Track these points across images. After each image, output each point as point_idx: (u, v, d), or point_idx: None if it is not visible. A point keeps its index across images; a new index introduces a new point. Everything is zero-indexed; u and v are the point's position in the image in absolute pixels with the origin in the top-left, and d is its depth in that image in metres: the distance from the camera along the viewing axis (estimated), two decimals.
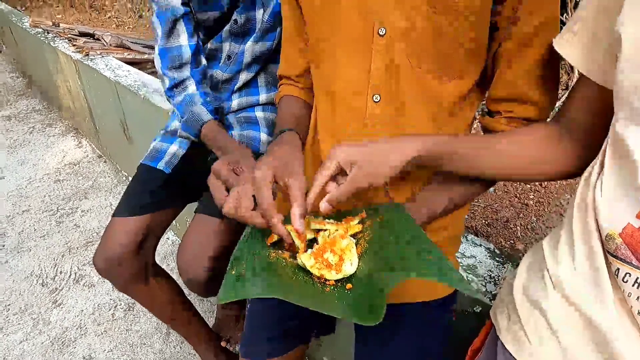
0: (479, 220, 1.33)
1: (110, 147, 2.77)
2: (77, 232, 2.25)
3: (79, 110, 3.04)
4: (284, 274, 0.55)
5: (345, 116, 0.75)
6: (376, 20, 0.68)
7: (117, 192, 2.59)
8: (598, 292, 0.53)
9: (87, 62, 2.41)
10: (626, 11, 0.49)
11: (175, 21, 1.01)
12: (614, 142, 0.53)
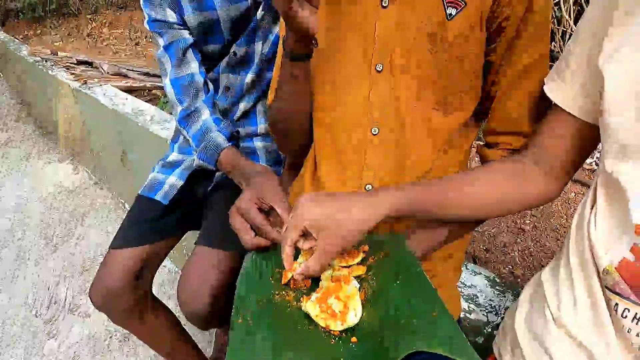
0: (477, 245, 1.34)
1: (107, 173, 2.77)
2: (73, 260, 2.23)
3: (76, 137, 3.05)
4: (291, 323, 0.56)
5: (345, 148, 0.77)
6: (376, 56, 0.70)
7: (114, 218, 2.57)
8: (600, 331, 0.53)
9: (85, 90, 2.44)
10: (607, 51, 0.51)
11: (185, 50, 1.03)
12: (605, 179, 0.54)
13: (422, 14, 0.66)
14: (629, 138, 0.50)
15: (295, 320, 0.57)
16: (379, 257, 0.66)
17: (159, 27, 1.02)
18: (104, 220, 2.57)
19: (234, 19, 1.04)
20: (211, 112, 1.04)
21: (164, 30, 1.02)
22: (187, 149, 1.25)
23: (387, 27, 0.68)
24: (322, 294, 0.58)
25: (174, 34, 1.03)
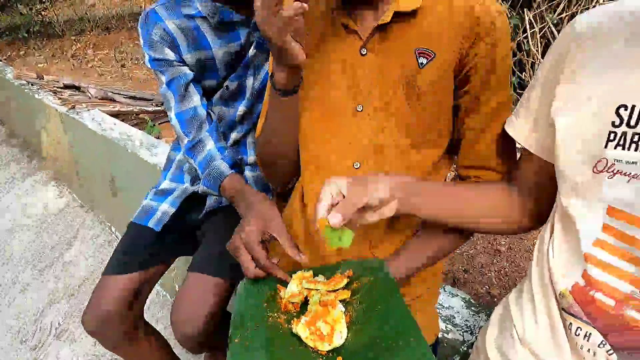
0: (457, 266, 1.41)
1: (94, 197, 2.78)
2: (59, 285, 2.23)
3: (62, 160, 3.05)
4: (283, 343, 0.61)
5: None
6: (357, 98, 0.77)
7: (100, 243, 2.58)
8: (559, 349, 0.60)
9: (73, 115, 2.46)
10: (557, 105, 0.60)
11: (187, 85, 1.08)
12: (560, 212, 0.62)
13: (397, 62, 0.74)
14: (576, 178, 0.58)
15: (287, 341, 0.62)
16: (362, 281, 0.72)
17: (160, 65, 1.07)
18: (90, 244, 2.57)
19: (228, 57, 1.10)
20: (215, 141, 1.10)
21: (165, 68, 1.07)
22: (179, 177, 1.30)
23: (366, 73, 0.76)
24: (311, 317, 0.64)
25: (174, 71, 1.08)
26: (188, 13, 1.06)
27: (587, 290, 0.57)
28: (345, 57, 0.77)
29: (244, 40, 1.09)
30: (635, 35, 0.54)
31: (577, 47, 0.58)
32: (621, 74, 0.54)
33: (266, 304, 0.70)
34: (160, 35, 1.05)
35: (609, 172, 0.55)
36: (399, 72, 0.74)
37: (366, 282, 0.72)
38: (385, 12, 0.72)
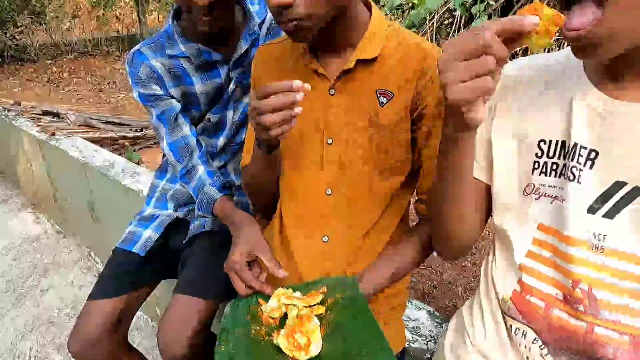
0: (426, 282, 1.51)
1: (72, 223, 2.78)
2: (37, 312, 2.21)
3: (40, 187, 3.05)
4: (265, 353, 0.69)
5: (305, 206, 0.93)
6: (326, 133, 0.88)
7: (79, 269, 2.58)
8: (503, 348, 0.70)
9: (53, 142, 2.49)
10: (493, 138, 0.71)
11: (176, 116, 1.17)
12: (497, 229, 0.73)
13: (361, 102, 0.85)
14: (506, 198, 0.69)
15: (268, 351, 0.70)
16: (335, 298, 0.81)
17: (149, 100, 1.15)
18: (69, 271, 2.56)
19: (210, 92, 1.20)
20: (205, 167, 1.18)
21: (154, 102, 1.15)
22: (163, 204, 1.37)
23: (334, 110, 0.86)
24: (290, 330, 0.72)
25: (164, 104, 1.16)
26: (172, 53, 1.15)
27: (522, 295, 0.68)
28: (316, 97, 0.87)
29: (224, 77, 1.19)
30: (548, 83, 0.67)
31: (506, 91, 0.70)
32: (539, 115, 0.66)
33: (249, 316, 0.77)
34: (147, 73, 1.13)
35: (535, 195, 0.67)
36: (363, 109, 0.85)
37: (339, 298, 0.81)
38: (349, 59, 0.83)
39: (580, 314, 0.61)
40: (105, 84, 5.82)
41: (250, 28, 1.15)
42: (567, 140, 0.63)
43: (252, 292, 0.87)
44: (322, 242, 0.92)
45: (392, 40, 0.84)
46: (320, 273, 0.90)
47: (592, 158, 0.61)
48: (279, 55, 0.93)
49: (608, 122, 0.60)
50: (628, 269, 0.60)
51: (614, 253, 0.60)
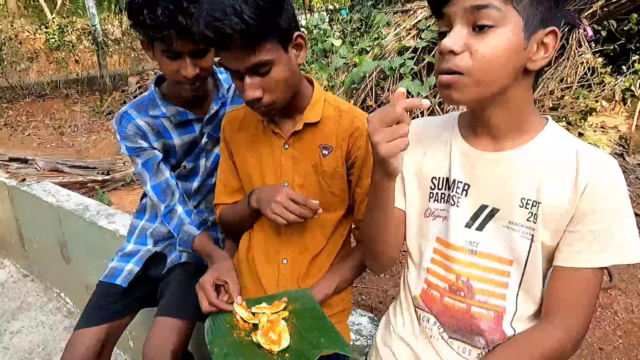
0: (373, 299, 1.76)
1: (40, 266, 2.85)
2: (8, 356, 2.26)
3: (5, 232, 3.10)
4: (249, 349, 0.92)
5: (267, 234, 1.17)
6: (282, 178, 1.13)
7: (48, 310, 2.64)
8: (415, 333, 0.95)
9: (24, 188, 2.61)
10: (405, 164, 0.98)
11: (158, 163, 1.38)
12: (408, 245, 1.00)
13: (308, 154, 1.12)
14: (415, 220, 0.96)
15: (251, 348, 0.93)
16: (295, 305, 1.05)
17: (135, 152, 1.37)
18: (39, 313, 2.62)
19: (186, 144, 1.43)
20: (184, 207, 1.39)
21: (139, 153, 1.37)
22: (143, 241, 1.56)
23: (288, 160, 1.13)
24: (265, 330, 0.95)
25: (148, 154, 1.38)
26: (154, 114, 1.38)
27: (428, 291, 0.94)
28: (273, 150, 1.14)
29: (198, 132, 1.43)
30: (436, 135, 0.95)
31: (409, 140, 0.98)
32: (430, 158, 0.94)
33: (229, 325, 1.00)
34: (134, 130, 1.35)
35: (432, 217, 0.94)
36: (309, 159, 1.12)
37: (297, 305, 1.04)
38: (298, 122, 1.10)
39: (461, 299, 0.88)
40: (66, 127, 5.85)
41: (220, 92, 1.41)
42: (449, 176, 0.91)
43: (214, 309, 1.06)
44: (282, 265, 1.16)
45: (329, 107, 1.12)
46: (279, 289, 1.13)
47: (466, 189, 0.89)
48: (243, 119, 1.19)
49: (471, 164, 0.89)
50: (493, 266, 0.87)
51: (484, 255, 0.88)
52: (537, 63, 0.77)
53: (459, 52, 0.74)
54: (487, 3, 0.72)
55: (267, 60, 0.93)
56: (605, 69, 3.02)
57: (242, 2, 0.85)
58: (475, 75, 0.75)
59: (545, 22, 0.74)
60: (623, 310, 1.95)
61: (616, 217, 0.78)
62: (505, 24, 0.72)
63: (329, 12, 4.97)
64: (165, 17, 1.09)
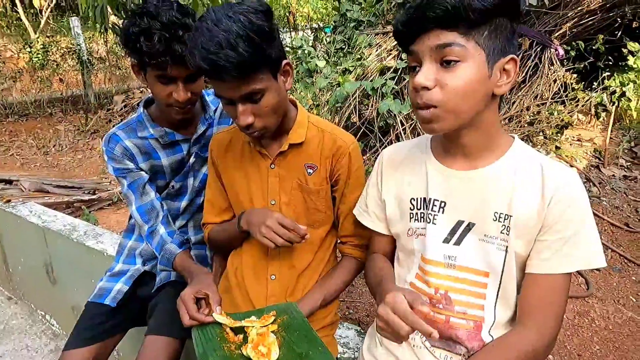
0: (361, 312, 1.80)
1: (25, 288, 2.81)
2: None
3: None
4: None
5: (257, 253, 1.21)
6: (270, 196, 1.18)
7: (33, 332, 2.60)
8: None
9: (8, 209, 2.59)
10: (384, 192, 1.04)
11: (144, 185, 1.41)
12: (396, 261, 1.04)
13: (294, 172, 1.17)
14: (401, 240, 1.02)
15: None
16: (283, 319, 1.08)
17: (122, 172, 1.40)
18: (23, 336, 2.58)
19: (173, 164, 1.47)
20: (166, 228, 1.42)
21: (126, 174, 1.40)
22: (132, 260, 1.58)
23: (274, 180, 1.18)
24: (254, 343, 0.98)
25: (134, 175, 1.41)
26: (142, 135, 1.42)
27: None
28: (260, 170, 1.19)
29: (185, 152, 1.47)
30: (411, 158, 1.02)
31: (384, 167, 1.05)
32: (406, 180, 1.01)
33: (219, 339, 1.02)
34: (121, 151, 1.38)
35: (415, 235, 1.00)
36: (295, 178, 1.17)
37: (285, 318, 1.08)
38: (284, 143, 1.15)
39: (440, 310, 0.93)
40: (51, 147, 5.80)
41: (207, 114, 1.46)
42: (427, 196, 0.97)
43: (195, 323, 1.08)
44: (270, 280, 1.19)
45: (312, 128, 1.18)
46: (268, 304, 1.17)
47: (443, 206, 0.95)
48: (229, 141, 1.24)
49: (447, 183, 0.95)
50: (470, 278, 0.93)
51: (462, 268, 0.93)
52: (502, 88, 0.84)
53: (432, 87, 0.81)
54: (450, 41, 0.79)
55: (260, 89, 0.98)
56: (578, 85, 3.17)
57: (237, 35, 0.90)
58: (449, 106, 0.82)
59: (504, 51, 0.82)
60: (600, 318, 2.02)
61: (580, 225, 0.85)
62: (470, 57, 0.80)
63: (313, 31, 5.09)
64: (161, 45, 1.13)
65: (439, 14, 0.78)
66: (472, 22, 0.78)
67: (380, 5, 2.93)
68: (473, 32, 0.79)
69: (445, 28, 0.79)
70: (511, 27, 0.82)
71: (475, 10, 0.77)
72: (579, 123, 4.29)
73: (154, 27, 1.13)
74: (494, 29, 0.80)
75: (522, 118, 2.94)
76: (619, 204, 3.24)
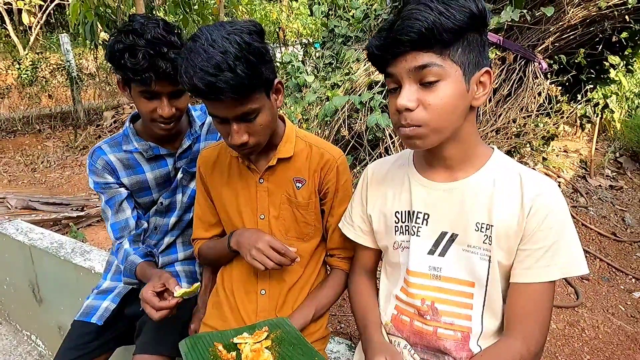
0: (352, 326, 1.79)
1: (10, 308, 2.75)
2: None
3: None
4: None
5: (247, 268, 1.20)
6: (259, 211, 1.18)
7: (18, 353, 2.54)
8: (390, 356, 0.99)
9: None
10: (369, 205, 1.05)
11: (121, 202, 1.40)
12: (382, 274, 1.05)
13: (282, 187, 1.17)
14: (388, 253, 1.02)
15: None
16: (276, 333, 1.07)
17: (101, 187, 1.39)
18: (8, 357, 2.52)
19: (158, 178, 1.46)
20: (131, 244, 1.41)
21: (104, 189, 1.40)
22: (119, 277, 1.56)
23: (263, 194, 1.18)
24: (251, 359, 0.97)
25: (112, 191, 1.40)
26: (127, 149, 1.41)
27: (398, 316, 0.99)
28: (249, 185, 1.19)
29: (171, 167, 1.47)
30: (393, 173, 1.03)
31: (369, 182, 1.06)
32: (390, 195, 1.02)
33: (212, 357, 1.01)
34: (102, 165, 1.38)
35: (400, 248, 1.00)
36: (284, 192, 1.17)
37: (279, 333, 1.07)
38: (272, 158, 1.16)
39: (427, 321, 0.94)
40: (39, 163, 5.74)
41: (193, 129, 1.47)
42: (410, 209, 0.98)
43: (164, 313, 1.08)
44: (260, 295, 1.19)
45: (300, 142, 1.19)
46: (258, 319, 1.16)
47: (426, 218, 0.96)
48: (217, 157, 1.24)
49: (429, 195, 0.96)
50: (456, 288, 0.94)
51: (448, 279, 0.94)
52: (480, 100, 0.86)
53: (415, 108, 0.83)
54: (427, 62, 0.81)
55: (255, 108, 0.99)
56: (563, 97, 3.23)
57: (235, 57, 0.90)
58: (432, 125, 0.84)
59: (478, 64, 0.84)
60: (590, 328, 2.03)
61: (560, 234, 0.86)
62: (448, 75, 0.82)
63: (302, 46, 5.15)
64: (145, 61, 1.14)
65: (414, 38, 0.79)
66: (445, 41, 0.80)
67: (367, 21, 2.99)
68: (448, 50, 0.81)
69: (420, 50, 0.81)
70: (481, 40, 0.84)
71: (448, 30, 0.79)
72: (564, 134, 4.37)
73: (138, 44, 1.15)
74: (467, 45, 0.82)
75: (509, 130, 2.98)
76: (606, 214, 3.29)
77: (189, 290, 1.11)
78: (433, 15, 0.78)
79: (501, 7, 2.42)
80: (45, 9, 10.84)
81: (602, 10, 2.54)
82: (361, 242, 1.10)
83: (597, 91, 3.58)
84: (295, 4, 10.35)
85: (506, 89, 2.78)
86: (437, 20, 0.77)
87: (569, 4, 2.50)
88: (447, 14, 0.78)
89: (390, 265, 1.04)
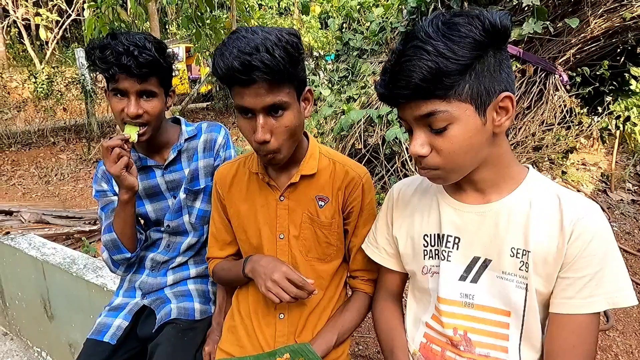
0: (371, 348, 1.72)
1: (21, 323, 2.72)
2: None
3: None
4: None
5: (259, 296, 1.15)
6: (278, 230, 1.13)
7: None
8: None
9: (7, 241, 2.53)
10: (395, 227, 1.00)
11: (113, 210, 1.38)
12: (409, 299, 0.99)
13: (304, 205, 1.12)
14: (416, 278, 0.96)
15: None
16: (298, 359, 1.01)
17: (99, 195, 1.45)
18: None
19: (147, 188, 1.44)
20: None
21: (101, 197, 1.44)
22: (131, 293, 1.52)
23: (283, 213, 1.13)
24: None
25: (106, 199, 1.44)
26: None
27: (427, 345, 0.92)
28: (268, 202, 1.14)
29: (159, 178, 1.45)
30: (422, 194, 0.98)
31: (395, 203, 1.01)
32: (418, 217, 0.96)
33: None
34: (101, 173, 1.46)
35: (430, 273, 0.94)
36: (305, 211, 1.12)
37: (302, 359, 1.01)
38: (294, 174, 1.11)
39: (461, 352, 0.87)
40: (52, 176, 5.79)
41: (179, 142, 1.44)
42: (440, 232, 0.93)
43: None
44: (279, 319, 1.13)
45: (324, 159, 1.14)
46: (276, 344, 1.10)
47: (457, 242, 0.90)
48: (235, 173, 1.20)
49: (460, 218, 0.90)
50: (490, 317, 0.87)
51: (481, 307, 0.88)
52: (503, 126, 0.80)
53: (427, 154, 0.79)
54: (431, 110, 0.75)
55: (284, 102, 0.95)
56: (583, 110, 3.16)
57: (273, 43, 0.90)
58: (450, 167, 0.80)
59: (492, 92, 0.77)
60: (624, 353, 1.93)
61: (605, 261, 0.79)
62: (457, 118, 0.76)
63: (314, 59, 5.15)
64: (112, 56, 1.20)
65: (409, 92, 0.74)
66: (448, 86, 0.73)
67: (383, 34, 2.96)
68: (452, 91, 0.74)
69: (421, 99, 0.75)
70: (496, 61, 0.76)
71: (452, 73, 0.72)
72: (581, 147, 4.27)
73: (109, 43, 1.21)
74: (475, 77, 0.74)
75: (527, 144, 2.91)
76: (630, 229, 3.18)
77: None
78: (431, 61, 0.71)
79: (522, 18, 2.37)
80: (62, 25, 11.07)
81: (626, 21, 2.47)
82: (387, 265, 1.04)
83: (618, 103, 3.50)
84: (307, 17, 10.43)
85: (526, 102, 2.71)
86: (434, 66, 0.71)
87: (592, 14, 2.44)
88: (448, 53, 0.71)
89: (418, 290, 0.98)
